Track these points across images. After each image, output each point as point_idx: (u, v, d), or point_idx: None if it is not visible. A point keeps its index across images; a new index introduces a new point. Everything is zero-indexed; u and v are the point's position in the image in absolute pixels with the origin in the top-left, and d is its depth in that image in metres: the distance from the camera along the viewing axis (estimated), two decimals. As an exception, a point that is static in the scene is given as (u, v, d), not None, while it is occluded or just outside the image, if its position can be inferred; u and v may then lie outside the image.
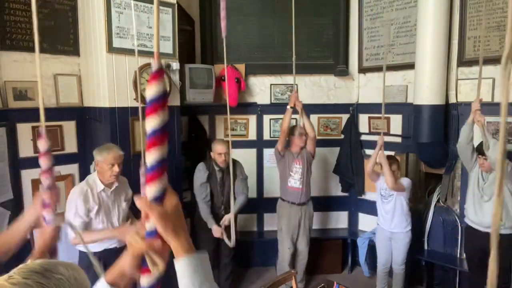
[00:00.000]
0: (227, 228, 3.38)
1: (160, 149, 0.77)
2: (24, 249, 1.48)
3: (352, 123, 4.41)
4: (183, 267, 0.80)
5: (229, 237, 3.41)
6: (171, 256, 0.83)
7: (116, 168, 2.55)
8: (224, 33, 2.02)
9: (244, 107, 4.31)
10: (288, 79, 4.36)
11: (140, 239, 0.81)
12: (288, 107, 3.64)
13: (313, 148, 3.75)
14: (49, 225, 1.38)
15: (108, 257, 2.55)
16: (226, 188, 3.51)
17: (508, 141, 3.30)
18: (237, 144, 4.18)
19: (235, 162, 3.57)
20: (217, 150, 3.39)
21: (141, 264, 0.84)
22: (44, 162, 1.36)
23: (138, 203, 0.78)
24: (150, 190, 0.79)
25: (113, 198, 2.65)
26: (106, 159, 2.53)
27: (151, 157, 0.77)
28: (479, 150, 3.00)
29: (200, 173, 3.47)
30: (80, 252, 2.66)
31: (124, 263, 0.86)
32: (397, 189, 3.37)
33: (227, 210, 3.47)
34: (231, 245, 2.97)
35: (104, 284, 0.87)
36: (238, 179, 3.56)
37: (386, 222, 3.53)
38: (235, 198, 3.51)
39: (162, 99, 0.77)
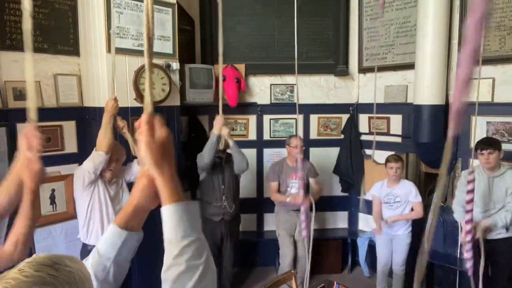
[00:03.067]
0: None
1: None
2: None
3: (352, 123, 4.41)
4: (166, 214, 0.79)
5: (233, 236, 3.40)
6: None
7: (113, 166, 2.58)
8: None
9: (244, 107, 4.31)
10: (288, 79, 4.37)
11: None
12: (287, 200, 3.60)
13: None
14: (35, 162, 1.36)
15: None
16: (226, 176, 3.49)
17: (508, 141, 3.31)
18: (237, 144, 4.17)
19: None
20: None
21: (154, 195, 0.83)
22: None
23: (145, 119, 0.79)
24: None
25: (115, 189, 2.71)
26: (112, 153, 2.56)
27: None
28: (480, 145, 2.92)
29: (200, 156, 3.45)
30: (83, 247, 2.66)
31: (136, 198, 0.86)
32: (422, 211, 3.43)
33: (229, 201, 3.45)
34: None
35: (113, 227, 0.87)
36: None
37: (389, 226, 3.51)
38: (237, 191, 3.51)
39: None
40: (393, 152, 4.02)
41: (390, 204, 3.48)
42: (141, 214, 0.89)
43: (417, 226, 3.61)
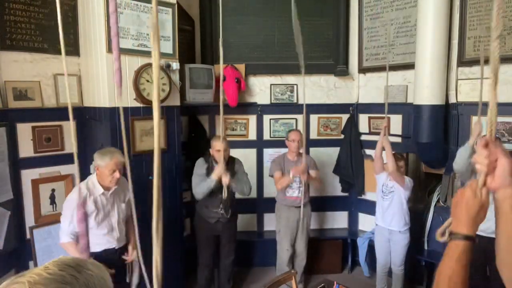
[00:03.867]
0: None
1: None
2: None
3: (352, 123, 4.41)
4: None
5: (229, 233, 3.42)
6: None
7: (117, 174, 2.50)
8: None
9: (244, 107, 4.31)
10: (288, 79, 4.37)
11: None
12: (291, 176, 3.59)
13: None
14: None
15: (108, 256, 2.55)
16: (224, 186, 3.49)
17: (508, 141, 3.31)
18: (237, 144, 4.17)
19: (234, 159, 3.56)
20: (215, 147, 3.36)
21: None
22: None
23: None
24: None
25: (112, 200, 2.64)
26: (107, 165, 2.48)
27: None
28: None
29: (200, 167, 3.43)
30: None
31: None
32: (397, 178, 3.37)
33: (226, 209, 3.43)
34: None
35: None
36: (238, 174, 3.50)
37: (384, 219, 3.53)
38: (233, 194, 3.53)
39: None
40: (393, 152, 4.03)
41: (385, 194, 3.50)
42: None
43: (414, 227, 3.61)
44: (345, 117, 4.47)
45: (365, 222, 4.48)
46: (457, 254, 0.91)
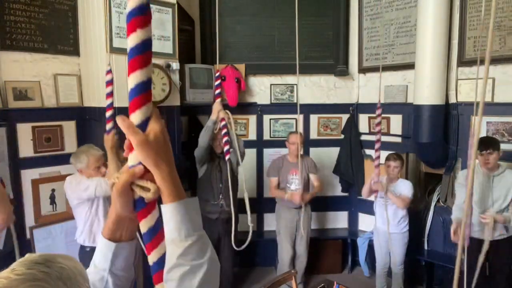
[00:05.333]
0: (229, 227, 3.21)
1: (145, 71, 0.68)
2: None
3: (352, 123, 4.41)
4: (168, 214, 0.72)
5: (230, 235, 3.42)
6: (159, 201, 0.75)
7: (103, 169, 2.49)
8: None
9: (244, 107, 4.31)
10: (288, 79, 4.37)
11: (120, 174, 0.72)
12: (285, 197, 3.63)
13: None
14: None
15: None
16: (224, 175, 3.48)
17: (508, 141, 3.31)
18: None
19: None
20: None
21: (133, 206, 0.74)
22: None
23: (120, 123, 0.69)
24: (133, 117, 0.69)
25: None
26: (88, 164, 2.47)
27: (132, 80, 0.68)
28: (479, 146, 2.84)
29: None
30: (81, 248, 2.65)
31: (114, 206, 0.76)
32: (406, 206, 3.42)
33: (226, 200, 3.43)
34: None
35: (102, 238, 0.82)
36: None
37: (384, 223, 3.52)
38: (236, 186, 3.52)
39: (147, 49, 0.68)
40: (393, 152, 4.02)
41: (385, 199, 3.49)
42: (125, 223, 0.80)
43: (414, 227, 3.61)
44: (345, 117, 4.47)
45: (365, 222, 4.48)
46: None
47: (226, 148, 2.95)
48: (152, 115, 0.71)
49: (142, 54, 0.67)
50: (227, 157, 2.97)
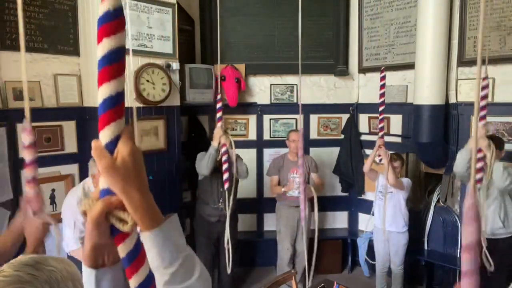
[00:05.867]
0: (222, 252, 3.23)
1: (113, 83, 0.61)
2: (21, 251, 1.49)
3: (352, 123, 4.41)
4: (148, 243, 0.67)
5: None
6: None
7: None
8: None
9: (244, 107, 4.31)
10: (288, 79, 4.37)
11: (94, 201, 0.66)
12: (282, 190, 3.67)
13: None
14: (36, 218, 1.38)
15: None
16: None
17: (508, 141, 3.30)
18: (237, 144, 4.16)
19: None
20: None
21: (110, 232, 0.68)
22: (28, 155, 1.37)
23: (92, 144, 0.64)
24: (101, 136, 0.63)
25: None
26: None
27: (100, 94, 0.61)
28: None
29: (201, 156, 3.41)
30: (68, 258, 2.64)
31: (90, 235, 0.69)
32: (397, 186, 3.37)
33: (226, 204, 3.44)
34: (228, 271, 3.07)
35: (83, 265, 0.75)
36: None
37: (382, 220, 3.52)
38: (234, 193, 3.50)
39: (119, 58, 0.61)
40: (393, 152, 4.02)
41: (383, 195, 3.50)
42: (105, 249, 0.73)
43: (414, 227, 3.61)
44: (345, 117, 4.47)
45: (365, 222, 4.47)
46: None
47: (225, 176, 2.96)
48: (122, 134, 0.63)
49: (110, 65, 0.60)
50: (226, 186, 2.97)
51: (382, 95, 3.24)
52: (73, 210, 2.40)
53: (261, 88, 4.41)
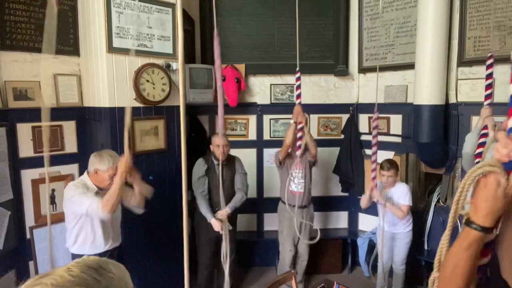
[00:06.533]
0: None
1: None
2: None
3: (352, 123, 4.41)
4: None
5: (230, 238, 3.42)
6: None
7: (111, 181, 2.43)
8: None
9: (244, 107, 4.31)
10: (288, 79, 4.37)
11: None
12: (291, 121, 3.50)
13: (314, 156, 3.65)
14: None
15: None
16: (226, 184, 3.49)
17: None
18: (237, 144, 4.18)
19: (234, 157, 3.57)
20: (216, 142, 3.36)
21: None
22: None
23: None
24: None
25: None
26: (108, 170, 2.43)
27: None
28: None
29: (199, 167, 3.45)
30: (73, 256, 2.62)
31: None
32: (406, 215, 3.37)
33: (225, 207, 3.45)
34: (230, 227, 3.31)
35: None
36: (237, 173, 3.55)
37: (388, 224, 3.52)
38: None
39: None
40: (393, 152, 4.03)
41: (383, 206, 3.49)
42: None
43: (414, 227, 3.61)
44: (345, 117, 4.47)
45: (365, 222, 4.48)
46: (468, 242, 0.89)
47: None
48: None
49: None
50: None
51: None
52: (80, 187, 2.45)
53: (261, 88, 4.41)
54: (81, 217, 2.48)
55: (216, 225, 3.35)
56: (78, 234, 2.52)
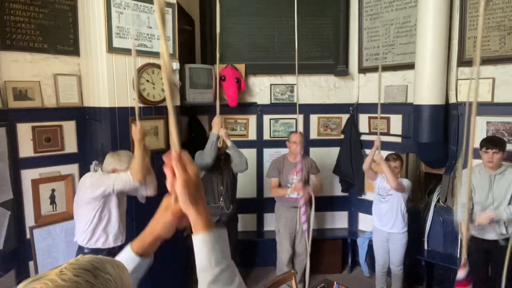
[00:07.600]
0: None
1: None
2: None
3: (352, 123, 4.41)
4: (200, 243, 0.81)
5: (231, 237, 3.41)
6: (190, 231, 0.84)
7: None
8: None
9: (244, 107, 4.31)
10: (288, 79, 4.37)
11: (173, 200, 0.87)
12: (288, 192, 3.63)
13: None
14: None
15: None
16: (225, 178, 3.49)
17: (508, 141, 3.30)
18: (237, 144, 4.16)
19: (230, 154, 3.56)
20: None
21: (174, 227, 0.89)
22: None
23: (170, 159, 0.83)
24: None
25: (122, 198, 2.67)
26: (127, 168, 2.46)
27: None
28: (486, 144, 2.94)
29: (200, 154, 3.44)
30: (79, 249, 2.63)
31: (161, 227, 0.91)
32: (398, 189, 3.38)
33: (226, 202, 3.46)
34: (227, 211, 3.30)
35: (130, 252, 0.92)
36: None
37: (383, 223, 3.53)
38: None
39: None
40: (393, 152, 4.02)
41: (383, 197, 3.50)
42: (158, 243, 0.95)
43: (414, 227, 3.62)
44: (345, 117, 4.47)
45: (365, 222, 4.48)
46: None
47: None
48: (187, 156, 0.86)
49: None
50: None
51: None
52: (99, 174, 2.53)
53: (261, 88, 4.41)
54: (99, 208, 2.49)
55: (216, 121, 3.27)
56: (88, 228, 2.52)
